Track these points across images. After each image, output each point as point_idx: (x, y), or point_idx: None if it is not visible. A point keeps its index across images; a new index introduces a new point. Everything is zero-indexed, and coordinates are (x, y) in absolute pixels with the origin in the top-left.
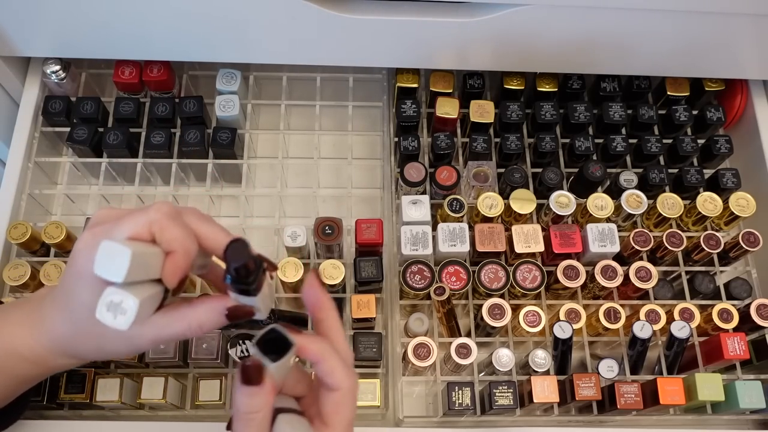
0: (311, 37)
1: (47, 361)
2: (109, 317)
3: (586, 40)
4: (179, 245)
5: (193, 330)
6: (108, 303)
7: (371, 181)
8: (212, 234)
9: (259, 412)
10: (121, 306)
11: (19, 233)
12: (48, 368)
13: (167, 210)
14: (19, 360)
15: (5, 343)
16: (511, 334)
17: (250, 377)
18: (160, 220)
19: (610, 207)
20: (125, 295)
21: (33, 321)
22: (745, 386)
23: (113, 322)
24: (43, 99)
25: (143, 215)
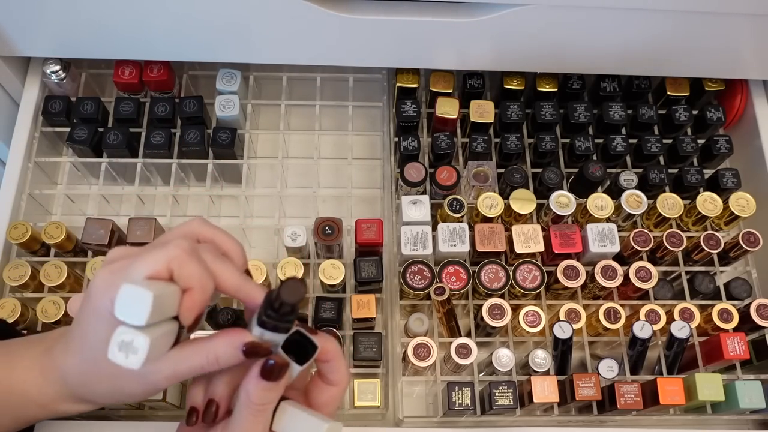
0: (311, 37)
1: (56, 406)
2: (121, 357)
3: (586, 40)
4: (197, 282)
5: (211, 363)
6: (119, 342)
7: (371, 181)
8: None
9: (272, 404)
10: (133, 345)
11: (19, 233)
12: (56, 413)
13: (186, 246)
14: (27, 403)
15: (15, 385)
16: (511, 334)
17: (272, 374)
18: (180, 256)
19: (610, 207)
20: (136, 334)
21: (45, 363)
22: (745, 386)
23: (125, 362)
24: (43, 99)
25: (163, 252)
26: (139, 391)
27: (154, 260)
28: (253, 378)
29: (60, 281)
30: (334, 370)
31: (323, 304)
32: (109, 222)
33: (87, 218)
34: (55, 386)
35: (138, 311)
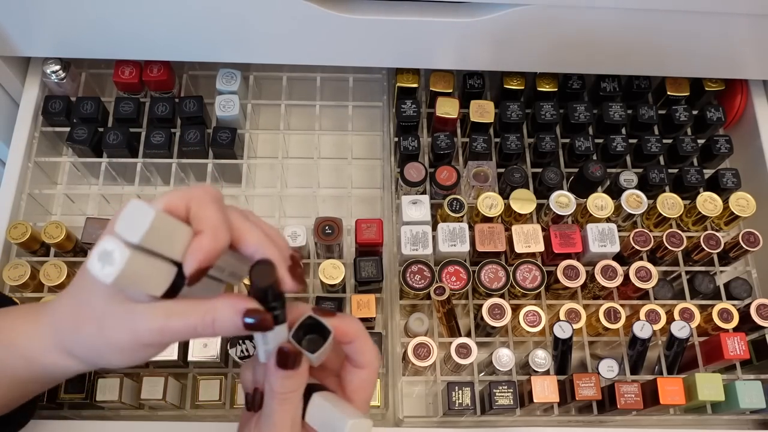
0: (311, 37)
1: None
2: (98, 266)
3: (586, 40)
4: (209, 226)
5: (206, 325)
6: (100, 252)
7: (371, 181)
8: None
9: (295, 391)
10: (112, 255)
11: (19, 233)
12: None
13: (211, 191)
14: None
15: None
16: (511, 334)
17: (286, 362)
18: (201, 197)
19: (610, 207)
20: (119, 246)
21: (37, 311)
22: (745, 386)
23: (100, 271)
24: (43, 99)
25: (185, 190)
26: (125, 342)
27: (174, 195)
28: (272, 367)
29: (60, 281)
30: (359, 351)
31: (323, 303)
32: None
33: (87, 218)
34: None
35: (135, 227)
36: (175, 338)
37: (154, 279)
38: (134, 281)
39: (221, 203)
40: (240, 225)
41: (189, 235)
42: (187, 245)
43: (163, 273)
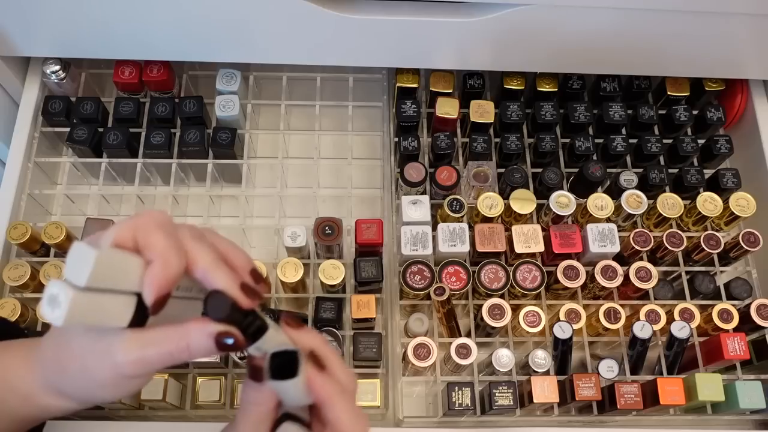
0: (312, 37)
1: (37, 398)
2: (48, 311)
3: (586, 40)
4: (158, 255)
5: (181, 350)
6: (48, 296)
7: (371, 181)
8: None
9: (260, 405)
10: (57, 299)
11: (19, 233)
12: (39, 407)
13: (157, 217)
14: (9, 393)
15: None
16: (511, 334)
17: (255, 375)
18: (146, 225)
19: (610, 207)
20: (62, 288)
21: (30, 350)
22: (745, 386)
23: (51, 315)
24: (43, 99)
25: (130, 220)
26: (108, 377)
27: (120, 228)
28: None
29: None
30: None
31: (323, 304)
32: (108, 222)
33: (87, 218)
34: (33, 374)
35: (80, 270)
36: (155, 367)
37: (114, 312)
38: (89, 319)
39: (168, 227)
40: (190, 247)
41: (141, 265)
42: (141, 276)
43: (123, 304)
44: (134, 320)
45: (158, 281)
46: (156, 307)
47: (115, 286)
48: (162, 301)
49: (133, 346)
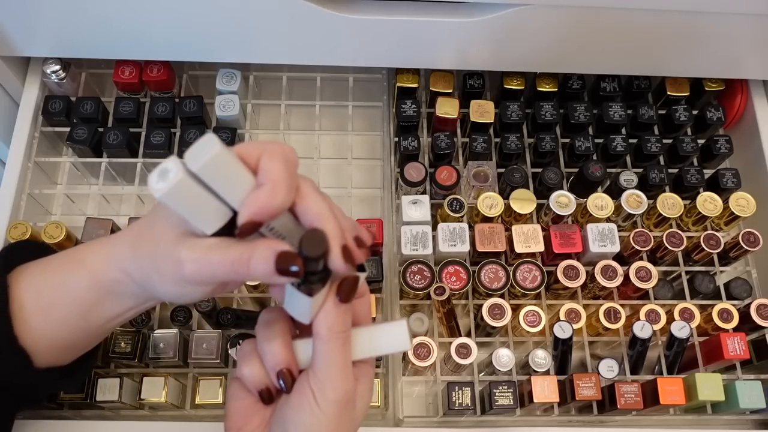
0: (311, 37)
1: (106, 273)
2: (154, 180)
3: (586, 40)
4: (271, 181)
5: (242, 262)
6: (161, 169)
7: (371, 181)
8: (312, 202)
9: (349, 328)
10: (168, 174)
11: (19, 233)
12: (106, 285)
13: (288, 152)
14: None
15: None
16: (511, 334)
17: (350, 292)
18: (274, 152)
19: (610, 207)
20: (176, 167)
21: (110, 236)
22: (745, 386)
23: (155, 185)
24: (43, 99)
25: (261, 143)
26: (169, 271)
27: (250, 143)
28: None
29: None
30: None
31: None
32: (109, 222)
33: (87, 218)
34: (108, 249)
35: (199, 157)
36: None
37: (206, 215)
38: (183, 207)
39: (293, 163)
40: (306, 191)
41: (251, 185)
42: (245, 192)
43: (217, 213)
44: (219, 233)
45: (259, 205)
46: (244, 230)
47: (220, 190)
48: (253, 227)
49: (200, 247)
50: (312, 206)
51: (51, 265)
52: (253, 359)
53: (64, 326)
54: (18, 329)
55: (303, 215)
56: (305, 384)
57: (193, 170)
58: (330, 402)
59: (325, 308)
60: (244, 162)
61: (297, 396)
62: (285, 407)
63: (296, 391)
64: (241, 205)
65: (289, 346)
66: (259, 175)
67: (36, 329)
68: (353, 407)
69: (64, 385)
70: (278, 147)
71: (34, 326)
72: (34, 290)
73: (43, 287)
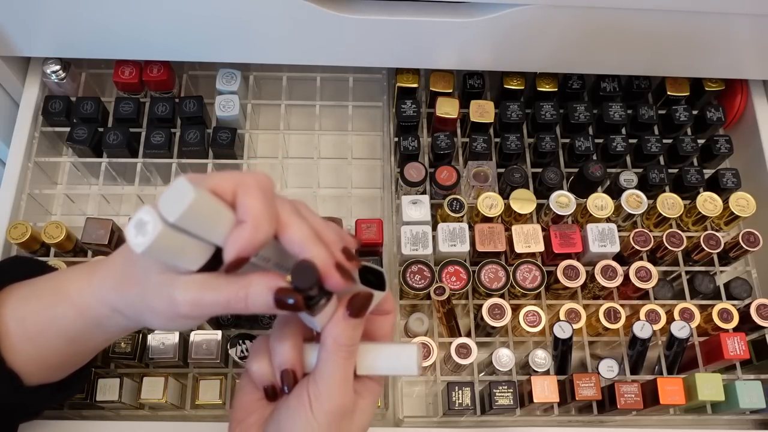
0: (311, 37)
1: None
2: (132, 234)
3: (586, 40)
4: (252, 217)
5: (239, 300)
6: (137, 221)
7: (371, 181)
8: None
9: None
10: (146, 227)
11: (18, 233)
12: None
13: (261, 180)
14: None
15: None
16: (511, 334)
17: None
18: (248, 184)
19: (610, 207)
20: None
21: (92, 269)
22: (745, 386)
23: (133, 240)
24: (43, 99)
25: (235, 174)
26: (163, 310)
27: (223, 178)
28: (341, 320)
29: None
30: (387, 299)
31: None
32: (109, 222)
33: (87, 218)
34: (94, 286)
35: (175, 206)
36: (209, 311)
37: (190, 255)
38: (167, 256)
39: (270, 193)
40: (287, 219)
41: (231, 221)
42: (228, 231)
43: (200, 251)
44: (205, 268)
45: (244, 243)
46: (233, 267)
47: (201, 233)
48: (241, 262)
49: (193, 286)
50: (295, 236)
51: (37, 292)
52: (262, 356)
53: (51, 351)
54: (5, 352)
55: (286, 244)
56: (304, 389)
57: (170, 221)
58: (324, 412)
59: (334, 319)
60: (220, 198)
61: (295, 399)
62: (282, 408)
63: (295, 393)
64: (225, 242)
65: (299, 348)
66: (239, 212)
67: (23, 353)
68: (350, 421)
69: (60, 398)
70: (252, 178)
71: (21, 350)
72: (20, 317)
73: (28, 315)
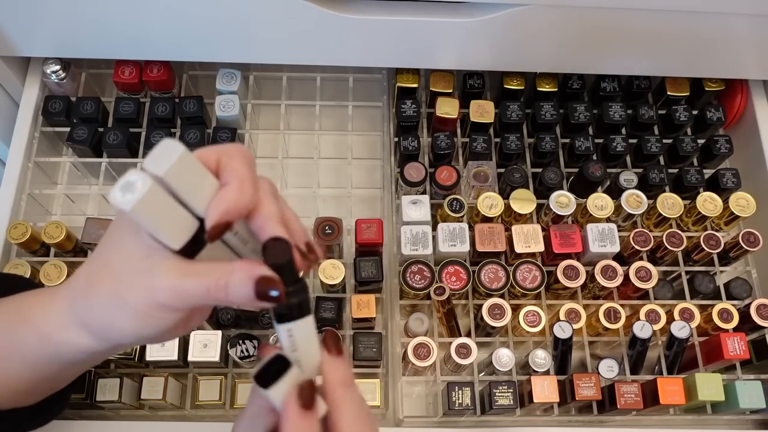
0: (311, 37)
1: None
2: (119, 195)
3: (586, 40)
4: (237, 178)
5: (219, 287)
6: (124, 183)
7: (371, 181)
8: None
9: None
10: (134, 185)
11: (19, 233)
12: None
13: (245, 151)
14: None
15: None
16: (511, 334)
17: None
18: (233, 152)
19: (610, 207)
20: (142, 176)
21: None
22: (745, 386)
23: (121, 199)
24: (43, 99)
25: (218, 146)
26: (140, 301)
27: (207, 148)
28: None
29: (60, 281)
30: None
31: (323, 304)
32: (108, 222)
33: (87, 218)
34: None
35: (162, 162)
36: (190, 300)
37: (174, 227)
38: (153, 219)
39: (253, 163)
40: (263, 194)
41: (215, 187)
42: (210, 195)
43: (184, 224)
44: (187, 248)
45: (228, 203)
46: (215, 233)
47: (186, 195)
48: (223, 227)
49: (175, 271)
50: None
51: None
52: None
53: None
54: None
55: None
56: None
57: (158, 174)
58: None
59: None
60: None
61: None
62: None
63: None
64: (209, 204)
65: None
66: (223, 175)
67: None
68: None
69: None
70: (236, 147)
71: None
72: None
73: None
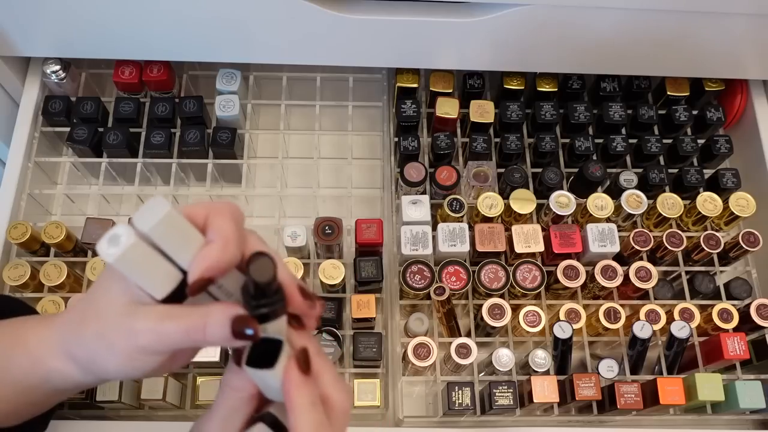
0: (311, 37)
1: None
2: (104, 247)
3: (586, 40)
4: (221, 237)
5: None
6: (110, 236)
7: (371, 181)
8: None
9: (238, 391)
10: (120, 239)
11: (18, 233)
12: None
13: (234, 209)
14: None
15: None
16: (511, 334)
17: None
18: (221, 210)
19: (610, 207)
20: (127, 231)
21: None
22: (745, 386)
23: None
24: (43, 99)
25: (208, 202)
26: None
27: (196, 204)
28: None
29: (60, 281)
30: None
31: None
32: (108, 222)
33: (87, 218)
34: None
35: (149, 218)
36: (169, 342)
37: (158, 278)
38: (135, 271)
39: (240, 221)
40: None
41: (200, 243)
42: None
43: (168, 276)
44: (170, 298)
45: (211, 261)
46: (196, 288)
47: (171, 250)
48: (204, 283)
49: (154, 315)
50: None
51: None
52: None
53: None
54: None
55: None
56: None
57: (144, 231)
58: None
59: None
60: (192, 222)
61: None
62: None
63: None
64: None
65: None
66: (209, 233)
67: None
68: None
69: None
70: (225, 205)
71: None
72: None
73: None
